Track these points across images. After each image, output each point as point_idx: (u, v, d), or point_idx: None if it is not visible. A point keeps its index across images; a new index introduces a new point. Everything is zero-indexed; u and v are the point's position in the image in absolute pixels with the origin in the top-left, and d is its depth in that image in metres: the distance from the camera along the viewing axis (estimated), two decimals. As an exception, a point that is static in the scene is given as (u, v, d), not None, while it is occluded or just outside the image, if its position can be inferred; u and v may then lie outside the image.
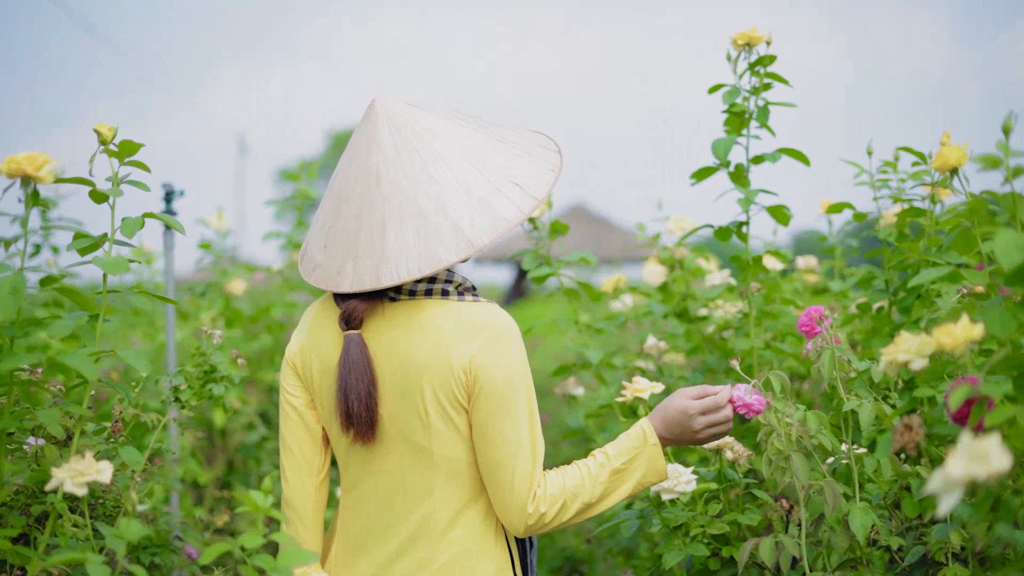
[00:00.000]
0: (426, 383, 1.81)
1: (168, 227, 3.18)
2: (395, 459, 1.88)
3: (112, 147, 1.98)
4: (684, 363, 3.53)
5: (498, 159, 1.86)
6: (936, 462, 2.10)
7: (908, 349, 1.51)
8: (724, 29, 2.51)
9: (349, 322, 1.85)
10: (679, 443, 1.94)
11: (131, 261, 1.98)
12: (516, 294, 18.18)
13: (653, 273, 3.46)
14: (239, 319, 4.12)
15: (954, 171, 1.77)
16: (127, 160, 2.00)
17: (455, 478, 1.87)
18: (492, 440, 1.82)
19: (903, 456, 2.25)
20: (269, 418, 4.26)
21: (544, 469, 1.87)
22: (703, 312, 3.08)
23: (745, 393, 1.94)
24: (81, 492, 1.63)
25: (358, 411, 1.83)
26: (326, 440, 1.99)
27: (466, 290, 1.88)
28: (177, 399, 2.34)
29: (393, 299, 1.86)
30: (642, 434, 1.90)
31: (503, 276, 21.96)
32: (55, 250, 3.48)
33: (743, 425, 2.03)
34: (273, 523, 3.90)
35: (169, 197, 3.20)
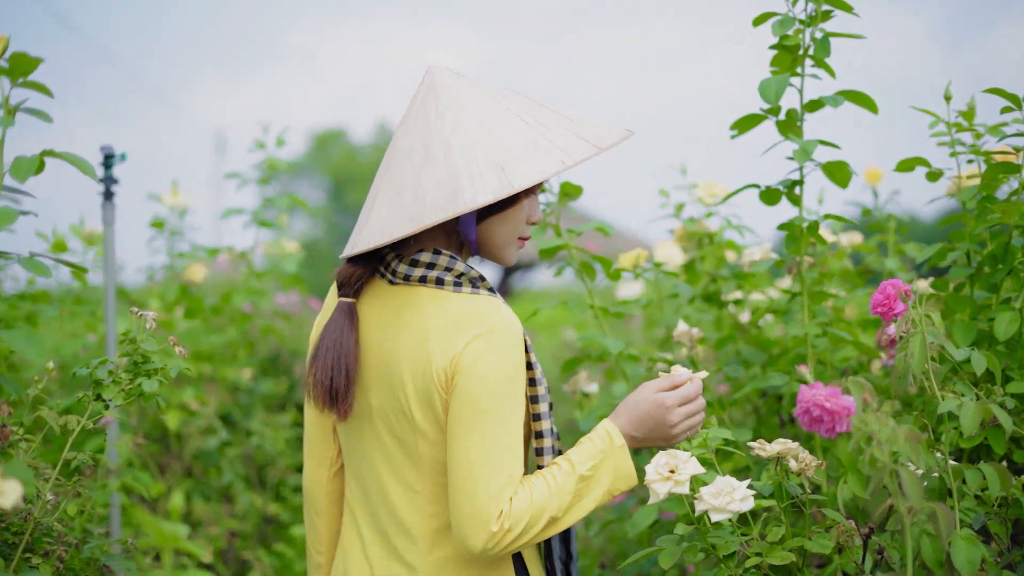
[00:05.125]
0: (408, 378, 1.68)
1: (109, 192, 2.71)
2: (384, 455, 1.74)
3: (2, 63, 1.52)
4: (706, 356, 3.09)
5: (501, 137, 1.68)
6: None
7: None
8: (715, 31, 2.08)
9: (340, 287, 1.76)
10: (649, 442, 1.74)
11: (24, 213, 1.52)
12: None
13: (669, 256, 3.01)
14: (199, 309, 3.64)
15: None
16: (21, 81, 1.54)
17: (445, 483, 1.70)
18: (462, 445, 1.62)
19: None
20: (233, 421, 3.78)
21: None
22: (736, 295, 2.62)
23: (825, 397, 1.49)
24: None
25: (320, 379, 1.71)
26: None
27: (470, 280, 1.72)
28: (99, 396, 1.89)
29: (392, 283, 1.74)
30: (607, 435, 1.70)
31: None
32: None
33: (829, 437, 1.58)
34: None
35: (109, 161, 2.73)
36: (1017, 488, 1.75)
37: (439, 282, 1.70)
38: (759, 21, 2.10)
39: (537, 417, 1.75)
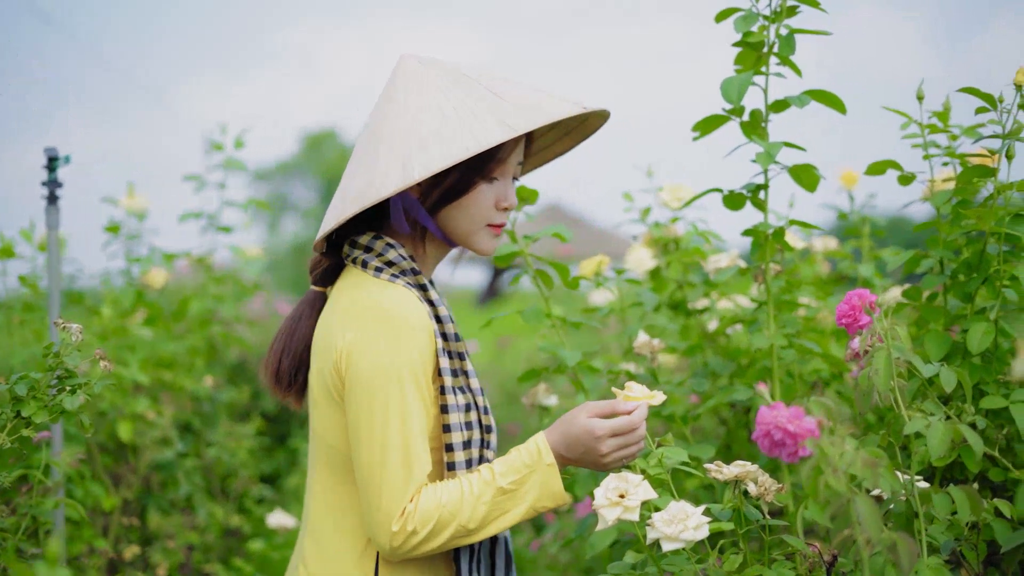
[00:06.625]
0: (315, 359, 1.72)
1: (53, 195, 2.59)
2: (311, 439, 1.79)
3: None
4: (676, 365, 2.98)
5: (425, 128, 1.63)
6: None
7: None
8: (708, 31, 1.97)
9: (310, 274, 1.83)
10: (581, 464, 1.68)
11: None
12: (490, 294, 17.64)
13: (639, 261, 2.90)
14: (158, 315, 3.52)
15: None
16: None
17: (335, 472, 1.71)
18: (359, 440, 1.62)
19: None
20: (195, 431, 3.66)
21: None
22: (703, 303, 2.52)
23: (787, 419, 1.38)
24: None
25: (270, 363, 1.80)
26: None
27: (399, 271, 1.70)
28: (18, 414, 1.78)
29: (347, 264, 1.78)
30: (536, 451, 1.64)
31: (476, 276, 21.36)
32: None
33: (792, 462, 1.45)
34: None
35: (53, 164, 2.61)
36: (989, 512, 1.65)
37: (364, 265, 1.71)
38: (721, 17, 2.00)
39: (447, 428, 1.66)
